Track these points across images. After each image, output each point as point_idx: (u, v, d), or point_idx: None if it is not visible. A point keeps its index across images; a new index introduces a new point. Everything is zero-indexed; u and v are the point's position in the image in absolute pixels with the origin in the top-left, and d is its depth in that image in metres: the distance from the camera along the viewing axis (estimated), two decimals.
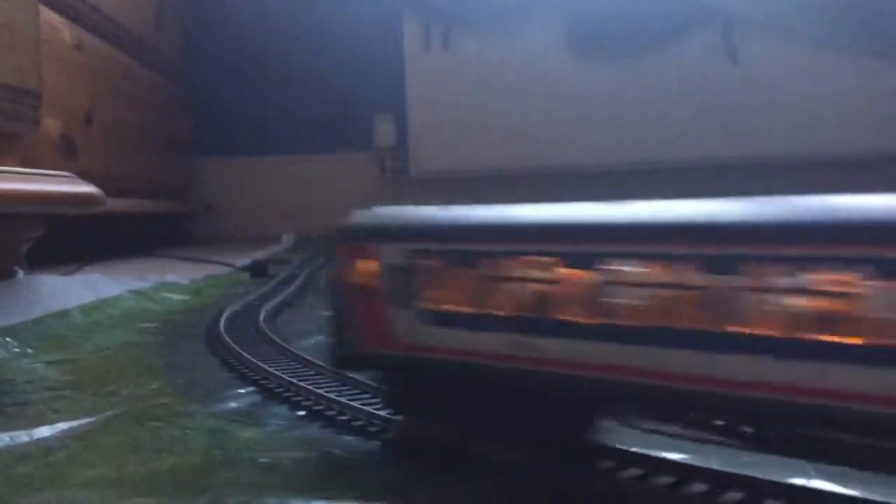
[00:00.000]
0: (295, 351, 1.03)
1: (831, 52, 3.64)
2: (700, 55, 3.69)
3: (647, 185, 3.77)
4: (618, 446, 0.60)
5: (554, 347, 0.53)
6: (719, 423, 0.55)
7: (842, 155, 3.62)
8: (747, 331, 0.45)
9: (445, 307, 0.59)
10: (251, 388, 0.91)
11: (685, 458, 0.59)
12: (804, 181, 3.63)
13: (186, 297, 1.75)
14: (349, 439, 0.72)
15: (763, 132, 3.66)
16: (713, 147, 3.67)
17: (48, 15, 1.94)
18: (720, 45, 3.69)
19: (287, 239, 3.24)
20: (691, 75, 3.71)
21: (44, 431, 0.75)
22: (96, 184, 1.58)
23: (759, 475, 0.55)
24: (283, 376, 0.90)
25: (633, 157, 3.69)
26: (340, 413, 0.77)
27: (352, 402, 0.77)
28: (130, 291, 1.63)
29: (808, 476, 0.59)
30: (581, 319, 0.51)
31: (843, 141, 3.60)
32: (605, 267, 0.50)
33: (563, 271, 0.52)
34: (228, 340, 1.11)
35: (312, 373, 0.93)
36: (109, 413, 0.81)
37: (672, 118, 3.70)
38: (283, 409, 0.82)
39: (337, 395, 0.80)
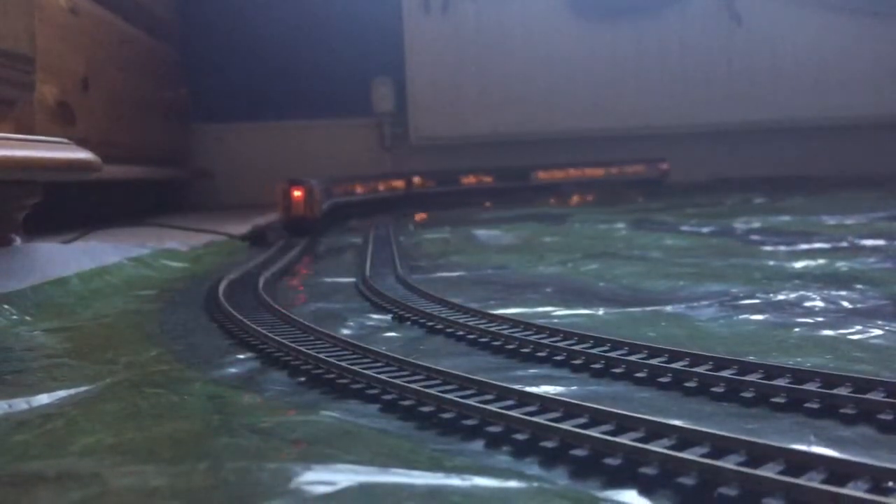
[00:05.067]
0: (294, 317, 1.03)
1: (836, 13, 3.60)
2: (702, 16, 3.65)
3: (649, 148, 3.75)
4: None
5: None
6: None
7: (846, 118, 3.59)
8: None
9: None
10: (250, 355, 0.91)
11: (687, 424, 0.59)
12: (808, 144, 3.62)
13: (186, 265, 1.74)
14: (348, 404, 0.71)
15: (767, 95, 3.62)
16: (715, 111, 3.64)
17: None
18: (723, 7, 3.64)
19: None
20: (693, 37, 3.67)
21: (43, 399, 0.75)
22: (93, 150, 1.56)
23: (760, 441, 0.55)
24: (283, 341, 0.89)
25: (634, 121, 3.66)
26: (340, 377, 0.77)
27: (352, 367, 0.77)
28: (129, 259, 1.62)
29: (809, 443, 0.59)
30: None
31: (847, 104, 3.57)
32: None
33: None
34: (227, 307, 1.11)
35: (312, 338, 0.92)
36: (108, 380, 0.81)
37: (674, 81, 3.67)
38: (282, 375, 0.82)
39: (337, 360, 0.80)
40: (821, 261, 1.51)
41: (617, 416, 0.61)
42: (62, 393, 0.77)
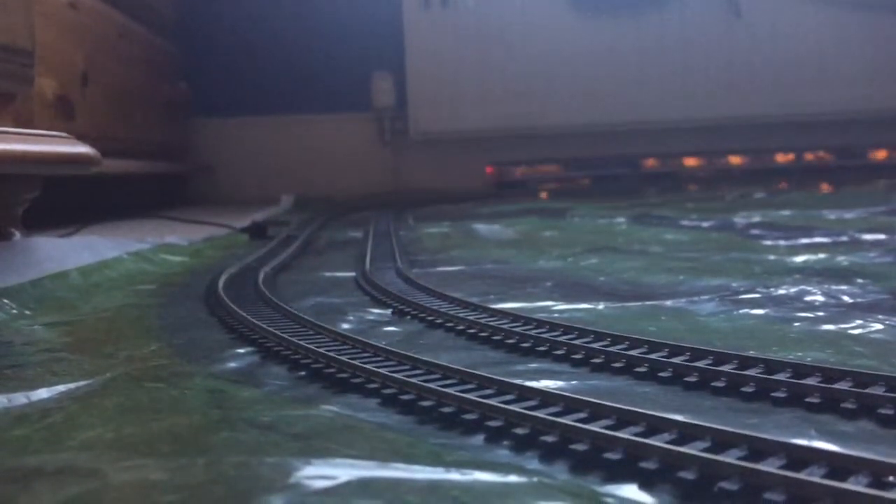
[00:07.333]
0: (294, 311, 1.03)
1: (836, 6, 3.59)
2: (703, 10, 3.64)
3: (649, 143, 3.74)
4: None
5: None
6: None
7: (846, 112, 3.58)
8: None
9: None
10: (250, 349, 0.91)
11: (688, 419, 0.59)
12: (807, 139, 3.61)
13: (185, 259, 1.74)
14: (348, 398, 0.71)
15: (767, 89, 3.62)
16: (716, 105, 3.64)
17: None
18: (723, 0, 3.63)
19: (286, 200, 3.23)
20: (694, 31, 3.66)
21: (42, 393, 0.75)
22: (93, 144, 1.56)
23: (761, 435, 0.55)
24: (283, 336, 0.89)
25: (635, 116, 3.65)
26: (340, 371, 0.77)
27: (352, 361, 0.77)
28: (129, 253, 1.62)
29: (809, 437, 0.59)
30: None
31: (848, 98, 3.56)
32: None
33: None
34: (227, 301, 1.11)
35: (311, 332, 0.92)
36: (108, 375, 0.81)
37: (674, 75, 3.66)
38: (281, 370, 0.82)
39: (336, 354, 0.80)
40: (821, 255, 1.51)
41: (617, 410, 0.61)
42: (61, 387, 0.77)
